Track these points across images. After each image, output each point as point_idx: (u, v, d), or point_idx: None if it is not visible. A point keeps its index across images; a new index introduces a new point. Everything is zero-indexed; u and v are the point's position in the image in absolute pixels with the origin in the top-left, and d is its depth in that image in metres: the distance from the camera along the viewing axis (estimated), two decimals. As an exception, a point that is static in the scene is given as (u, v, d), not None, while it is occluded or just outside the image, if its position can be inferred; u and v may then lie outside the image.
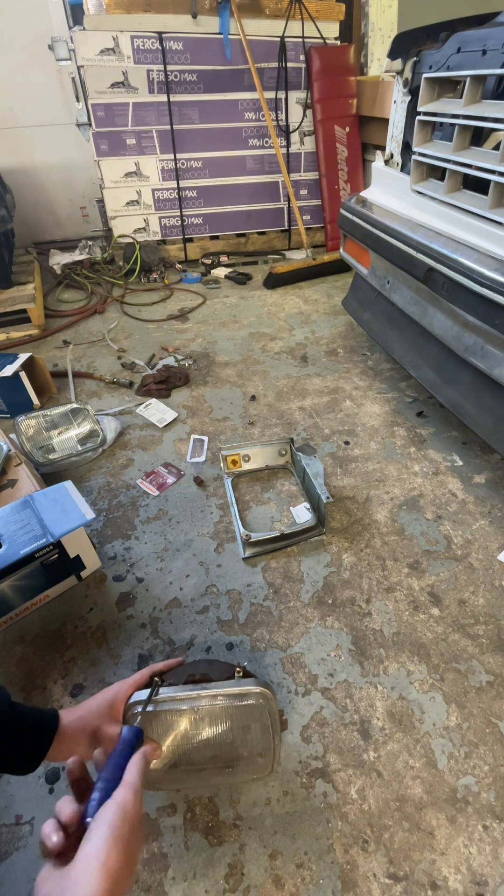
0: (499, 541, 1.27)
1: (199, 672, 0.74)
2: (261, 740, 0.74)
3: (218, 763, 0.76)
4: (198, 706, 0.70)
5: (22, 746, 0.65)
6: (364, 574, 1.20)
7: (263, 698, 0.70)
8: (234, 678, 0.72)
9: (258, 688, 0.70)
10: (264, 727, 0.73)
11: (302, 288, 2.80)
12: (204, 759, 0.75)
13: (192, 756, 0.74)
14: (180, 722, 0.71)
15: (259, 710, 0.71)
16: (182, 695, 0.69)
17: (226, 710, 0.71)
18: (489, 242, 1.18)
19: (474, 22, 1.37)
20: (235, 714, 0.71)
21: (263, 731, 0.73)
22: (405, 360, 1.60)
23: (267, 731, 0.73)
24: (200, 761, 0.76)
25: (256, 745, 0.75)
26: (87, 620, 1.12)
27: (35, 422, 1.53)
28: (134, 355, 2.16)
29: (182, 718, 0.71)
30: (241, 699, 0.70)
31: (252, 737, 0.74)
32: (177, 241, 3.17)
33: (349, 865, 0.76)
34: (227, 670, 0.74)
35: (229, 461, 1.49)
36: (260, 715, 0.71)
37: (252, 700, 0.70)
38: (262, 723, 0.72)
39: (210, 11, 2.59)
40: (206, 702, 0.69)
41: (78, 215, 3.45)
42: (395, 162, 1.67)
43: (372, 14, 3.18)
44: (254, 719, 0.72)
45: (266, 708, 0.71)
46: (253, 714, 0.71)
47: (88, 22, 2.48)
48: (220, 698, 0.69)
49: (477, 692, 0.96)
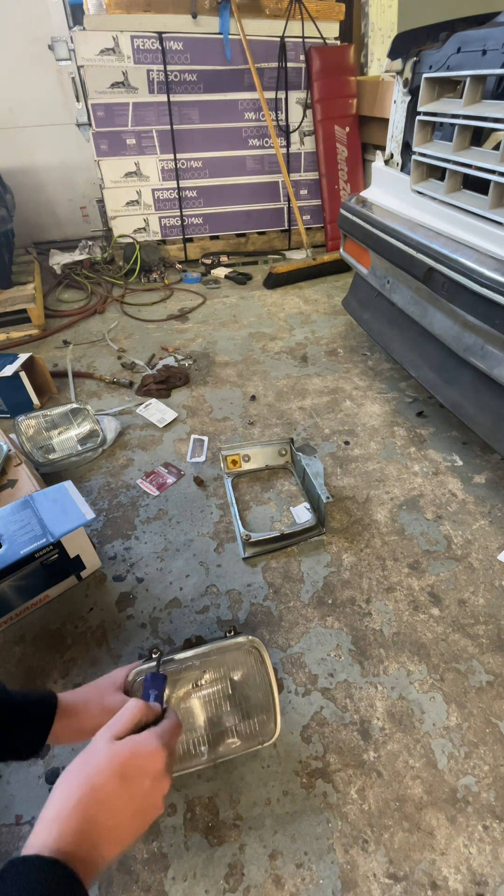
0: (499, 541, 1.27)
1: (194, 636, 0.84)
2: (259, 692, 0.80)
3: (223, 725, 0.81)
4: (194, 663, 0.77)
5: (22, 729, 0.65)
6: (364, 574, 1.20)
7: (253, 645, 0.79)
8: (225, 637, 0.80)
9: (247, 637, 0.79)
10: (261, 677, 0.79)
11: (302, 288, 2.80)
12: (208, 723, 0.81)
13: (197, 720, 0.80)
14: (182, 685, 0.78)
15: (251, 658, 0.79)
16: (180, 656, 0.76)
17: (220, 661, 0.79)
18: (489, 242, 1.18)
19: (474, 22, 1.37)
20: (229, 662, 0.79)
21: (261, 683, 0.80)
22: (405, 360, 1.60)
23: (264, 683, 0.79)
24: (204, 727, 0.81)
25: (256, 696, 0.80)
26: (87, 620, 1.12)
27: (35, 422, 1.53)
28: (134, 355, 2.16)
29: (183, 679, 0.78)
30: (232, 649, 0.79)
31: (250, 689, 0.80)
32: (177, 241, 3.17)
33: (349, 865, 0.76)
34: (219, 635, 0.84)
35: (229, 461, 1.49)
36: (253, 663, 0.79)
37: (242, 647, 0.78)
38: (256, 671, 0.79)
39: (210, 11, 2.59)
40: (201, 657, 0.77)
41: (78, 215, 3.45)
42: (395, 162, 1.67)
43: (372, 14, 3.18)
44: (248, 666, 0.80)
45: (257, 652, 0.79)
46: (246, 661, 0.79)
47: (88, 22, 2.48)
48: (213, 652, 0.78)
49: (477, 692, 0.96)
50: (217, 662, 0.79)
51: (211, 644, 0.78)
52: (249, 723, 0.81)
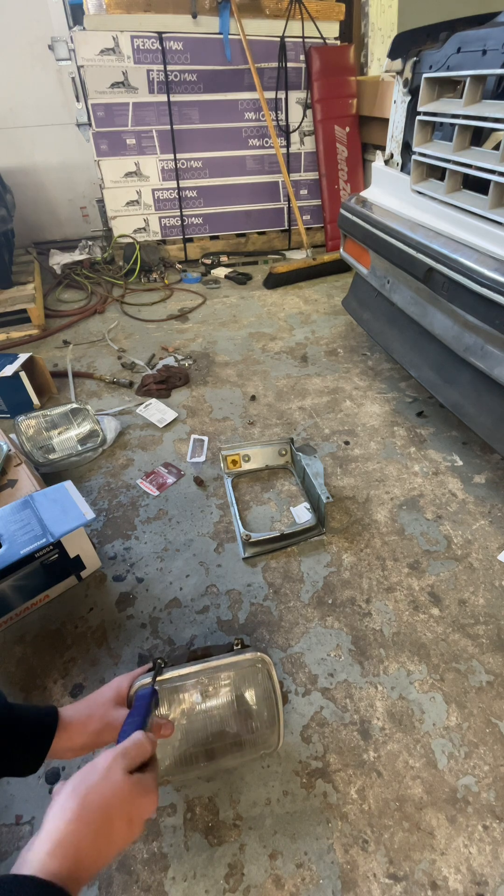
0: (499, 541, 1.27)
1: (200, 650, 0.79)
2: (265, 708, 0.77)
3: (226, 739, 0.79)
4: (201, 678, 0.73)
5: (21, 748, 0.64)
6: (364, 574, 1.20)
7: (262, 663, 0.74)
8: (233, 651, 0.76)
9: (256, 654, 0.74)
10: (266, 693, 0.76)
11: (302, 288, 2.80)
12: (212, 737, 0.78)
13: (200, 735, 0.77)
14: (186, 698, 0.75)
15: (259, 675, 0.75)
16: (185, 670, 0.73)
17: (228, 678, 0.75)
18: (489, 242, 1.18)
19: (474, 22, 1.37)
20: (236, 680, 0.76)
21: (266, 698, 0.77)
22: (405, 360, 1.60)
23: (269, 698, 0.76)
24: (208, 739, 0.78)
25: (261, 712, 0.78)
26: (87, 620, 1.12)
27: (35, 422, 1.53)
28: (134, 355, 2.16)
29: (187, 693, 0.75)
30: (240, 666, 0.74)
31: (256, 705, 0.77)
32: (177, 241, 3.17)
33: (349, 865, 0.76)
34: (227, 647, 0.79)
35: (229, 461, 1.49)
36: (261, 679, 0.75)
37: (251, 665, 0.74)
38: (263, 687, 0.76)
39: (210, 11, 2.59)
40: (209, 673, 0.73)
41: (78, 215, 3.45)
42: (395, 162, 1.67)
43: (372, 14, 3.17)
44: (255, 684, 0.76)
45: (265, 671, 0.75)
46: (254, 679, 0.76)
47: (88, 22, 2.48)
48: (221, 668, 0.74)
49: (477, 692, 0.96)
50: (224, 678, 0.75)
51: (218, 659, 0.74)
52: (252, 736, 0.79)
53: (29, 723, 0.66)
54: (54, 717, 0.67)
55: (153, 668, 0.74)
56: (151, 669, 0.74)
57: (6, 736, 0.64)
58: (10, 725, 0.64)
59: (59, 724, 0.67)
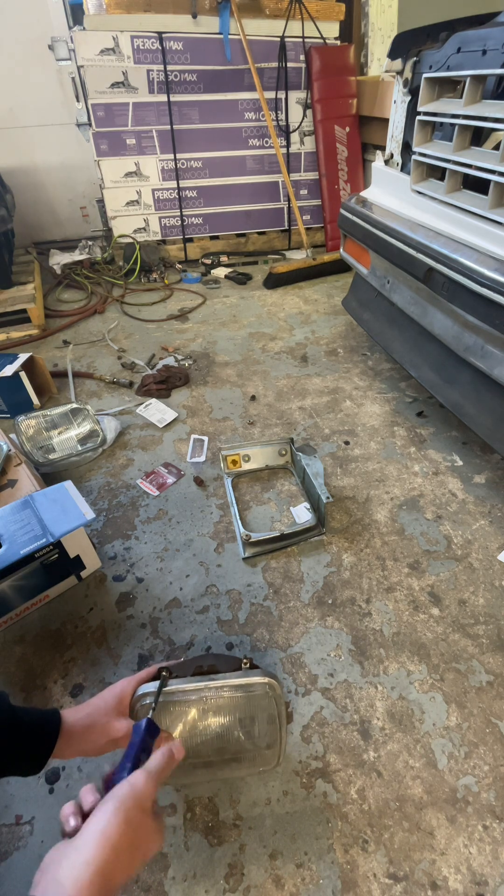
0: (499, 541, 1.27)
1: (207, 664, 0.75)
2: (267, 731, 0.75)
3: (225, 755, 0.77)
4: (205, 696, 0.71)
5: (24, 750, 0.64)
6: (364, 574, 1.20)
7: (270, 688, 0.71)
8: (242, 670, 0.73)
9: (265, 678, 0.71)
10: (271, 718, 0.74)
11: (302, 288, 2.80)
12: (211, 751, 0.76)
13: (200, 748, 0.75)
14: (188, 713, 0.72)
15: (266, 701, 0.72)
16: (190, 686, 0.71)
17: (233, 701, 0.72)
18: (489, 242, 1.18)
19: (474, 22, 1.37)
20: (242, 704, 0.73)
21: (270, 722, 0.74)
22: (405, 360, 1.60)
23: (274, 722, 0.74)
24: (207, 753, 0.76)
25: (263, 736, 0.76)
26: (87, 620, 1.12)
27: (35, 422, 1.53)
28: (134, 355, 2.16)
29: (190, 709, 0.72)
30: (248, 689, 0.71)
31: (259, 728, 0.75)
32: (177, 241, 3.16)
33: (349, 865, 0.76)
34: (235, 663, 0.75)
35: (229, 461, 1.49)
36: (267, 705, 0.73)
37: (259, 690, 0.71)
38: (269, 713, 0.73)
39: (210, 11, 2.59)
40: (214, 692, 0.71)
41: (78, 215, 3.45)
42: (395, 162, 1.67)
43: (372, 14, 3.18)
44: (261, 709, 0.73)
45: (273, 698, 0.72)
46: (260, 704, 0.73)
47: (88, 22, 2.48)
48: (227, 689, 0.71)
49: (477, 692, 0.96)
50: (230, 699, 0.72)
51: (224, 679, 0.71)
52: (253, 752, 0.78)
53: (31, 729, 0.66)
54: (56, 724, 0.67)
55: (158, 677, 0.72)
56: (156, 678, 0.73)
57: (8, 741, 0.63)
58: (14, 729, 0.64)
59: (60, 732, 0.67)
